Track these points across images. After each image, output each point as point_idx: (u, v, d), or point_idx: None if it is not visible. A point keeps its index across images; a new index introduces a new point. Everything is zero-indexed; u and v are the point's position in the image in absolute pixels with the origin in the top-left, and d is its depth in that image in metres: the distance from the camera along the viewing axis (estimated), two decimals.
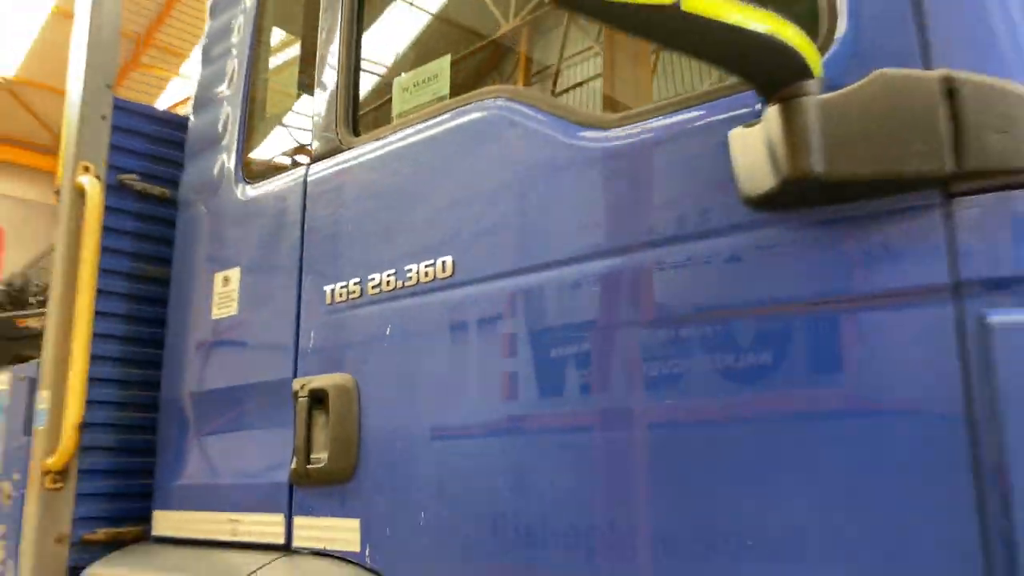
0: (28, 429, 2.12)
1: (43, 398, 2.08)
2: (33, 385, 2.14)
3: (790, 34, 0.98)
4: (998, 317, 0.91)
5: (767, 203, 1.06)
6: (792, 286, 1.07)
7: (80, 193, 2.15)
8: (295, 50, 2.05)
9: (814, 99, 1.00)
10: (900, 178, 0.97)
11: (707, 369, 1.12)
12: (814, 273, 1.05)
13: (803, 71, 1.00)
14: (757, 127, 1.06)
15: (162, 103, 13.33)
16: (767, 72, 1.02)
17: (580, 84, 7.41)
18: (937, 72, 0.98)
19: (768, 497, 1.04)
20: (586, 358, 1.24)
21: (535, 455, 1.28)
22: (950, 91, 0.96)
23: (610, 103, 3.69)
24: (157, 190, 2.30)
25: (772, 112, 1.03)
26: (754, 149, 1.06)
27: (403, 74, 1.73)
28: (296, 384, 1.64)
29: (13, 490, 2.13)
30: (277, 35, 2.12)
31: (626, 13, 0.94)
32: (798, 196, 1.04)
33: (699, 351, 1.13)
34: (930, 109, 0.96)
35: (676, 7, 0.92)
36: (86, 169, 2.18)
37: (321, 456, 1.55)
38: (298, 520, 1.61)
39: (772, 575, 1.02)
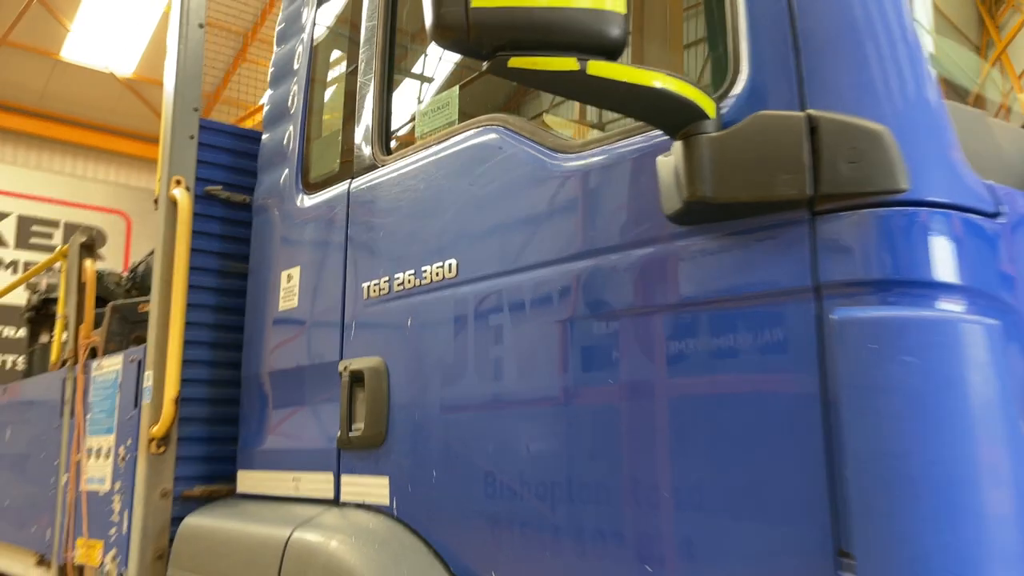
0: (137, 403, 2.53)
1: (148, 377, 2.48)
2: (140, 366, 2.55)
3: (685, 88, 1.22)
4: (838, 315, 1.13)
5: (680, 219, 1.30)
6: (699, 287, 1.31)
7: (173, 203, 2.54)
8: (342, 78, 2.35)
9: (707, 136, 1.23)
10: (772, 200, 1.20)
11: (638, 355, 1.37)
12: (714, 277, 1.29)
13: (700, 114, 1.23)
14: (671, 156, 1.30)
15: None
16: (669, 116, 1.25)
17: None
18: (803, 113, 1.19)
19: (682, 456, 1.29)
20: (552, 346, 1.51)
21: (515, 424, 1.56)
22: (812, 128, 1.18)
23: None
24: (239, 197, 2.67)
25: (676, 146, 1.26)
26: (668, 174, 1.30)
27: (424, 101, 2.01)
28: (340, 366, 1.97)
29: (126, 453, 2.55)
30: (330, 63, 2.43)
31: (547, 78, 1.20)
32: (699, 214, 1.27)
33: (632, 341, 1.39)
34: (795, 143, 1.18)
35: (583, 72, 1.18)
36: (178, 182, 2.56)
37: (360, 425, 1.88)
38: (344, 478, 1.94)
39: (680, 517, 1.28)
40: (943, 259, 1.13)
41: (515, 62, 1.18)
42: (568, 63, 1.17)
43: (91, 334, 3.17)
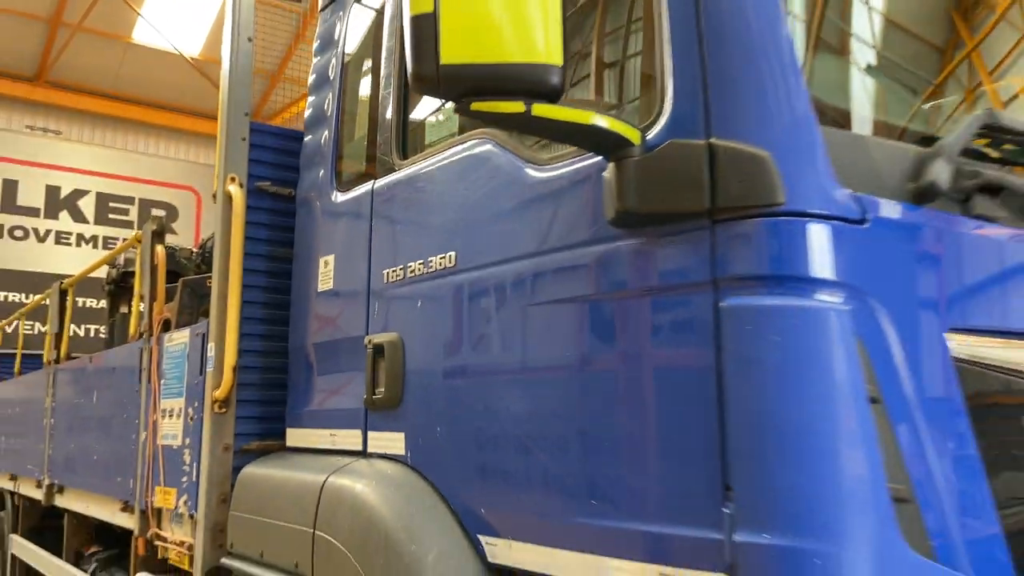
0: (202, 370, 2.95)
1: (210, 348, 2.89)
2: (204, 339, 2.96)
3: (614, 123, 1.53)
4: (727, 302, 1.44)
5: (617, 223, 1.62)
6: (632, 278, 1.63)
7: (229, 198, 2.93)
8: (368, 90, 2.69)
9: (632, 160, 1.54)
10: (681, 211, 1.50)
11: (587, 332, 1.70)
12: (643, 270, 1.60)
13: (626, 143, 1.54)
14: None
15: None
16: (602, 144, 1.57)
17: None
18: (705, 141, 1.49)
19: (620, 409, 1.62)
20: (524, 325, 1.85)
21: (498, 389, 1.90)
22: (711, 154, 1.48)
23: None
24: (286, 191, 3.04)
25: (610, 167, 1.58)
26: (608, 188, 1.61)
27: (433, 113, 2.34)
28: (365, 340, 2.33)
29: (194, 413, 2.97)
30: (359, 76, 2.77)
31: (501, 118, 1.52)
32: (629, 220, 1.58)
33: (583, 320, 1.71)
34: (698, 166, 1.48)
35: (528, 113, 1.49)
36: (232, 179, 2.95)
37: (381, 390, 2.24)
38: (370, 434, 2.32)
39: (618, 460, 1.61)
40: (810, 258, 1.42)
41: (476, 106, 1.50)
42: (516, 106, 1.48)
43: (163, 309, 3.61)
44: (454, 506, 1.99)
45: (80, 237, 14.32)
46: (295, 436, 2.74)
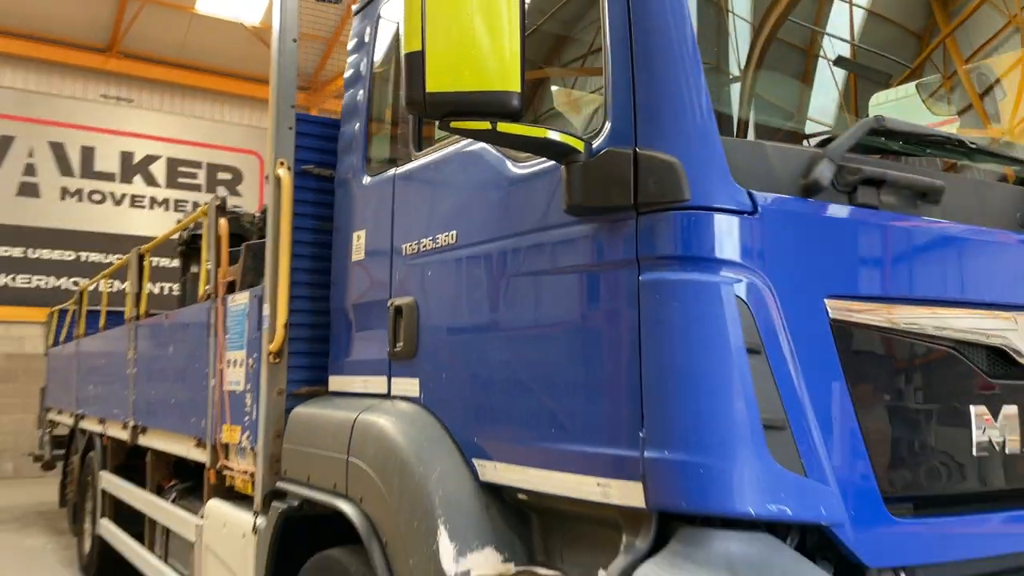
0: (259, 327, 3.47)
1: (265, 308, 3.41)
2: (260, 300, 3.48)
3: (564, 136, 1.95)
4: (644, 276, 1.87)
5: (570, 213, 2.05)
6: (581, 256, 2.06)
7: (279, 180, 3.42)
8: (390, 87, 3.14)
9: (578, 164, 1.97)
10: (614, 205, 1.93)
11: (547, 297, 2.15)
12: (589, 250, 2.04)
13: (573, 151, 1.97)
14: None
15: None
16: (555, 152, 1.99)
17: None
18: (630, 150, 1.91)
19: (560, 363, 2.07)
20: (504, 291, 2.30)
21: (486, 342, 2.37)
22: (635, 160, 1.90)
23: None
24: (327, 172, 3.52)
25: (563, 169, 2.01)
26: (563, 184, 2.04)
27: None
28: (388, 303, 2.81)
29: (253, 363, 3.51)
30: (385, 75, 3.21)
31: (474, 133, 1.96)
32: (578, 211, 2.01)
33: (544, 288, 2.16)
34: (625, 169, 1.90)
35: (494, 130, 1.93)
36: (281, 164, 3.43)
37: (401, 344, 2.72)
38: (393, 380, 2.80)
39: (570, 399, 2.06)
40: (707, 242, 1.84)
41: (454, 124, 1.94)
42: (485, 125, 1.92)
43: (227, 274, 4.15)
44: (455, 436, 2.48)
45: (152, 200, 15.17)
46: (335, 382, 3.26)
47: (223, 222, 4.24)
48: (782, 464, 1.80)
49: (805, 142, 2.24)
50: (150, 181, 15.17)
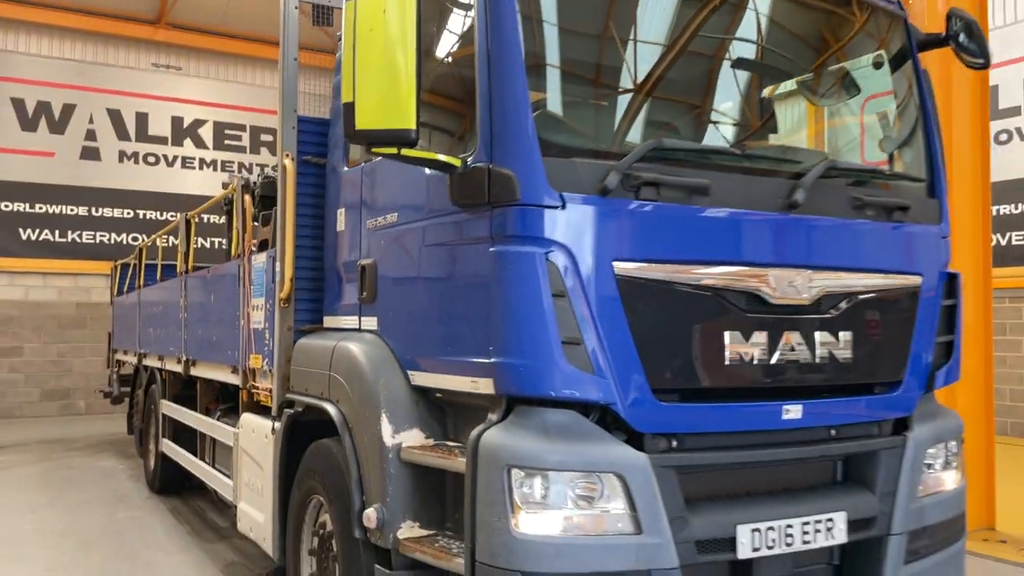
0: (273, 280, 4.59)
1: (277, 266, 4.54)
2: (274, 260, 4.60)
3: (448, 157, 3.00)
4: (494, 248, 2.92)
5: (455, 205, 3.10)
6: (460, 234, 3.12)
7: (284, 168, 4.51)
8: None
9: (455, 173, 3.02)
10: (477, 202, 2.98)
11: (439, 259, 3.22)
12: (464, 230, 3.10)
13: (453, 166, 3.02)
14: None
15: None
16: (442, 167, 3.04)
17: None
18: (486, 164, 2.95)
19: (450, 302, 3.14)
20: (418, 255, 3.38)
21: (411, 289, 3.46)
22: (489, 173, 2.94)
23: None
24: (322, 161, 4.60)
25: (448, 176, 3.06)
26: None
27: None
28: (359, 263, 3.91)
29: (270, 307, 4.65)
30: None
31: (389, 156, 3.01)
32: (459, 204, 3.07)
33: (439, 255, 3.23)
34: (483, 179, 2.94)
35: (399, 153, 2.98)
36: (287, 155, 4.53)
37: (366, 292, 3.82)
38: (362, 319, 3.91)
39: (452, 327, 3.15)
40: (531, 227, 2.88)
41: (374, 150, 2.99)
42: (393, 150, 2.97)
43: (262, 234, 5.29)
44: (397, 356, 3.58)
45: (201, 161, 16.46)
46: (328, 321, 4.38)
47: (247, 198, 5.37)
48: (576, 366, 2.86)
49: (615, 157, 3.23)
50: (199, 144, 16.45)
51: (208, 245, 14.68)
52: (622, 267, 2.97)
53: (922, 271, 3.65)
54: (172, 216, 15.87)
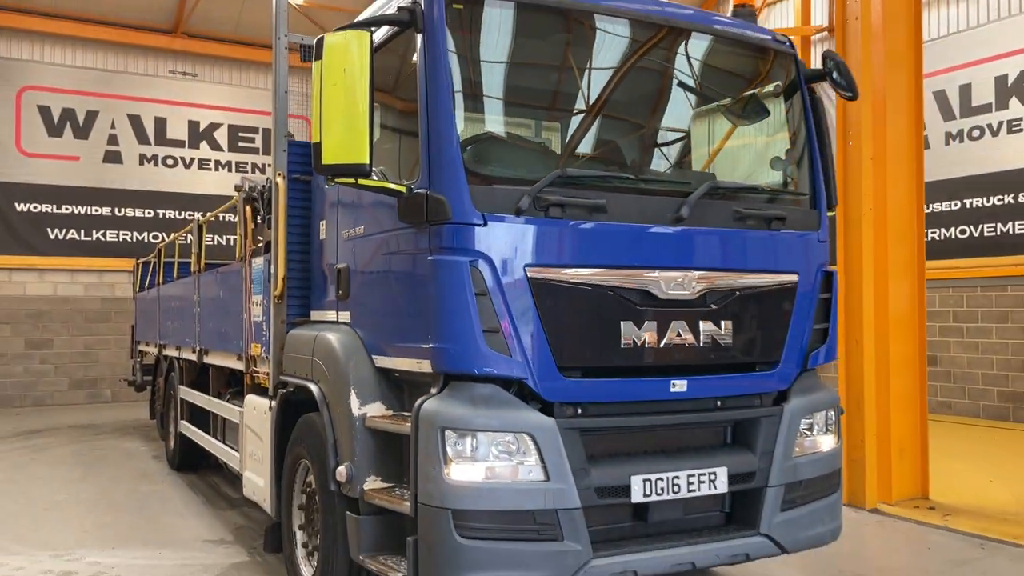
0: (269, 279, 5.41)
1: (272, 268, 5.34)
2: (269, 262, 5.41)
3: (397, 185, 3.80)
4: (431, 257, 3.71)
5: (402, 222, 3.90)
6: (407, 246, 3.91)
7: (277, 185, 5.32)
8: None
9: (403, 197, 3.81)
10: (419, 220, 3.77)
11: (392, 264, 4.02)
12: (410, 242, 3.89)
13: (400, 192, 3.81)
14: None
15: None
16: (393, 193, 3.84)
17: None
18: (424, 191, 3.73)
19: (402, 298, 3.94)
20: (379, 259, 4.18)
21: (373, 288, 4.26)
22: (427, 198, 3.72)
23: None
24: (308, 178, 5.39)
25: (397, 200, 3.85)
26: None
27: None
28: (336, 266, 4.71)
29: (267, 303, 5.45)
30: None
31: (350, 185, 3.82)
32: (405, 222, 3.86)
33: (392, 260, 4.03)
34: (422, 202, 3.73)
35: (357, 183, 3.78)
36: (279, 174, 5.34)
37: (341, 291, 4.63)
38: (340, 313, 4.72)
39: (404, 319, 3.95)
40: (459, 241, 3.66)
41: (336, 180, 3.80)
42: (351, 181, 3.77)
43: (252, 245, 6.11)
44: (364, 343, 4.37)
45: (217, 163, 17.35)
46: (314, 315, 5.19)
47: (248, 209, 6.19)
48: (495, 350, 3.65)
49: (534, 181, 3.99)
50: (214, 146, 17.34)
51: (224, 242, 15.58)
52: (533, 271, 3.75)
53: (799, 270, 4.40)
54: (190, 215, 16.78)
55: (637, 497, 3.86)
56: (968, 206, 13.94)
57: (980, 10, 14.05)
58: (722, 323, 4.13)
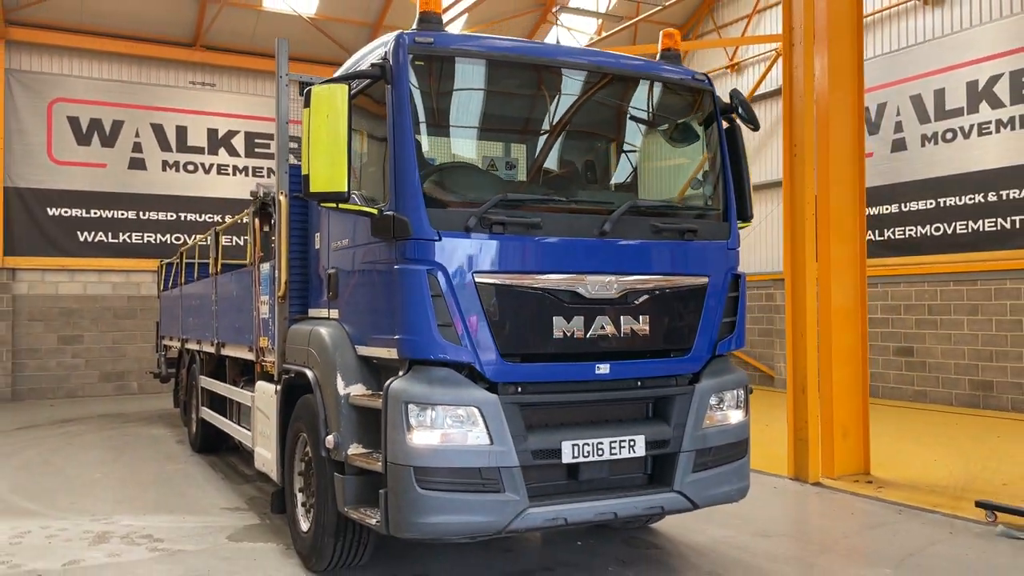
0: (274, 282, 6.35)
1: (276, 272, 6.30)
2: (274, 267, 6.36)
3: (369, 208, 4.73)
4: (397, 267, 4.64)
5: (374, 236, 4.82)
6: (379, 256, 4.84)
7: (280, 202, 6.27)
8: None
9: (374, 217, 4.73)
10: (389, 236, 4.69)
11: (366, 271, 4.95)
12: (381, 253, 4.81)
13: (372, 214, 4.73)
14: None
15: None
16: (367, 215, 4.76)
17: None
18: (391, 213, 4.65)
19: (377, 298, 4.87)
20: (358, 267, 5.11)
21: (355, 289, 5.19)
22: (394, 218, 4.65)
23: None
24: None
25: (370, 219, 4.78)
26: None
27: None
28: (328, 271, 5.65)
29: (272, 303, 6.41)
30: None
31: (333, 208, 4.75)
32: (377, 237, 4.78)
33: (366, 269, 4.96)
34: (389, 221, 4.65)
35: (337, 207, 4.72)
36: (282, 193, 6.28)
37: (331, 292, 5.56)
38: (331, 311, 5.65)
39: (380, 315, 4.88)
40: (418, 254, 4.57)
41: (323, 204, 4.76)
42: (333, 205, 4.71)
43: (261, 251, 7.06)
44: (349, 335, 5.30)
45: (234, 168, 18.38)
46: (312, 312, 6.13)
47: (257, 221, 7.14)
48: (448, 340, 4.56)
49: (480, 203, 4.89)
50: (232, 152, 18.38)
51: (240, 243, 16.57)
52: (480, 277, 4.66)
53: (709, 273, 5.29)
54: (210, 218, 17.84)
55: (567, 458, 4.76)
56: (942, 205, 14.72)
57: (954, 18, 14.80)
58: (640, 317, 5.03)
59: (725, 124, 5.65)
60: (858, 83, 8.66)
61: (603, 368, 4.95)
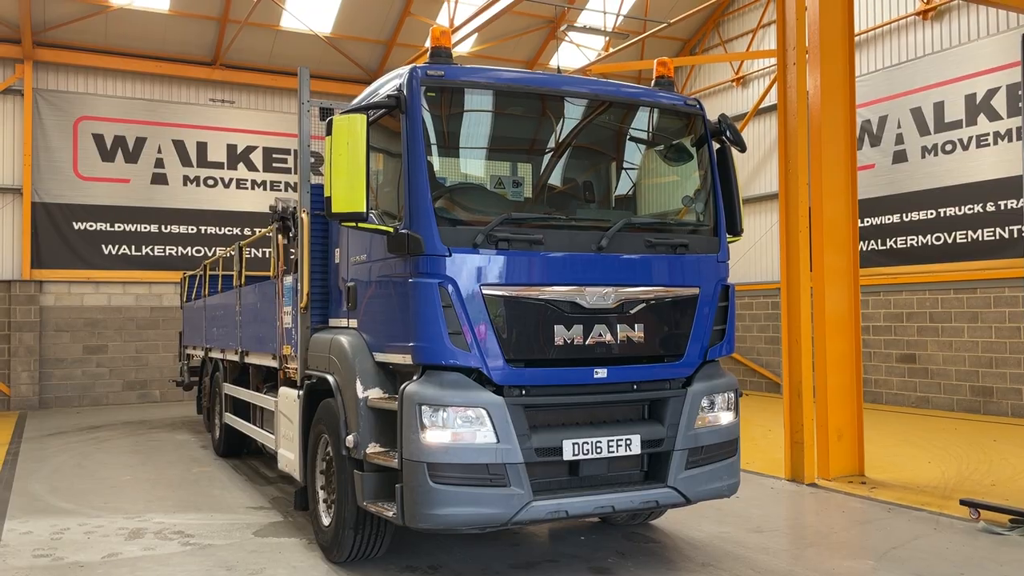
0: (297, 293, 6.80)
1: (299, 284, 6.75)
2: (296, 280, 6.81)
3: (385, 227, 5.18)
4: (411, 280, 5.08)
5: (390, 252, 5.27)
6: (396, 270, 5.28)
7: (302, 220, 6.73)
8: None
9: (390, 235, 5.18)
10: (401, 253, 5.14)
11: (381, 283, 5.40)
12: (397, 268, 5.25)
13: (387, 232, 5.18)
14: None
15: None
16: (383, 233, 5.21)
17: None
18: (406, 231, 5.10)
19: (393, 307, 5.32)
20: (373, 280, 5.56)
21: (372, 300, 5.64)
22: (408, 236, 5.09)
23: None
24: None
25: (386, 237, 5.23)
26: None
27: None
28: (347, 284, 6.10)
29: (295, 313, 6.85)
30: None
31: (353, 228, 5.21)
32: (393, 252, 5.23)
33: (380, 283, 5.41)
34: (404, 239, 5.09)
35: (357, 226, 5.17)
36: (304, 211, 6.75)
37: (352, 303, 6.01)
38: (350, 320, 6.10)
39: (395, 325, 5.33)
40: (432, 268, 5.02)
41: (344, 224, 5.20)
42: (353, 224, 5.16)
43: (283, 265, 7.54)
44: (367, 343, 5.75)
45: (253, 182, 18.94)
46: (332, 322, 6.58)
47: (280, 237, 7.62)
48: (458, 347, 5.00)
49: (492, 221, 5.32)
50: (251, 167, 18.93)
51: (261, 255, 17.09)
52: (487, 289, 5.09)
53: (700, 284, 5.71)
54: (229, 231, 18.37)
55: (568, 456, 5.18)
56: (942, 215, 15.07)
57: (953, 33, 15.18)
58: (636, 326, 5.45)
59: (716, 145, 6.07)
60: (850, 99, 9.06)
61: (601, 373, 5.37)
